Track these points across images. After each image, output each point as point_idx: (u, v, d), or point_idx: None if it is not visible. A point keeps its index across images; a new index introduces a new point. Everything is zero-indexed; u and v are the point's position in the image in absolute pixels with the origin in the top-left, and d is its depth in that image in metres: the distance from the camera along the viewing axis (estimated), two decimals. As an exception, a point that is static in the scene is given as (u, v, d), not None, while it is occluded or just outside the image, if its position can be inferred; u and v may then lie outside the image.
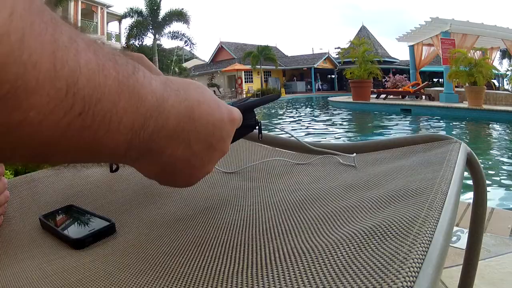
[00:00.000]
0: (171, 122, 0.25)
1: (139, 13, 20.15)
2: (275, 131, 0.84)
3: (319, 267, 0.27)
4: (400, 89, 12.71)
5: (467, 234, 0.64)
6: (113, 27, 24.99)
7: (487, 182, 0.61)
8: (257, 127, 0.46)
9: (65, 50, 0.17)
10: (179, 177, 0.31)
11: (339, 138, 6.40)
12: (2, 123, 0.16)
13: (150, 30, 20.34)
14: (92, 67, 0.19)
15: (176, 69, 21.65)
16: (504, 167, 3.98)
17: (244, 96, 25.25)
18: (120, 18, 22.75)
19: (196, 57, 31.20)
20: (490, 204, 2.26)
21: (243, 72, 26.45)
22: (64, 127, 0.18)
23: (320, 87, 30.07)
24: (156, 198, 0.59)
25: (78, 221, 0.52)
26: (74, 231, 0.48)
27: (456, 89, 10.68)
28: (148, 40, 21.46)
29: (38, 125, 0.17)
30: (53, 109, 0.17)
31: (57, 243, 0.48)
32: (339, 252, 0.29)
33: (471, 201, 0.62)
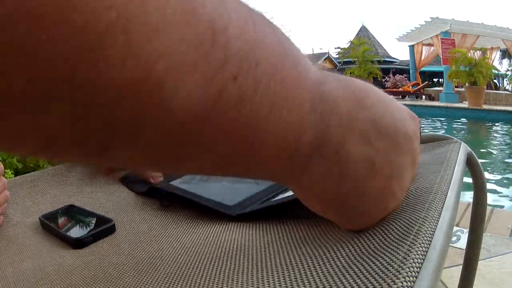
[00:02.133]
0: (339, 106, 0.18)
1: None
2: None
3: (319, 268, 0.27)
4: (400, 89, 12.72)
5: (467, 234, 0.64)
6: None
7: (487, 182, 0.61)
8: None
9: None
10: (367, 198, 0.22)
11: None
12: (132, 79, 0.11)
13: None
14: (243, 15, 0.13)
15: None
16: (504, 167, 3.98)
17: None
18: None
19: (196, 57, 31.24)
20: (490, 204, 2.26)
21: (243, 72, 26.46)
22: (212, 98, 0.12)
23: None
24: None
25: (78, 221, 0.52)
26: (74, 230, 0.48)
27: (456, 89, 10.68)
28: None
29: (173, 92, 0.11)
30: (195, 62, 0.11)
31: (57, 243, 0.48)
32: (339, 252, 0.29)
33: (471, 201, 0.62)
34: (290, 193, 0.54)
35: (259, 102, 0.14)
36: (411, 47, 14.46)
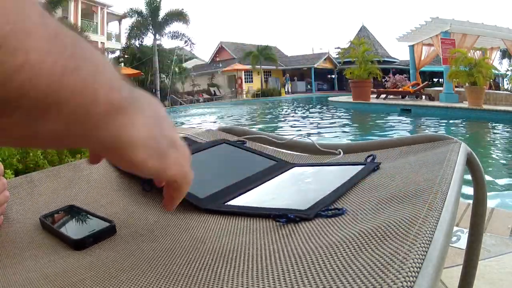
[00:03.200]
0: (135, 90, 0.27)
1: (139, 13, 20.14)
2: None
3: (319, 268, 0.27)
4: (400, 89, 12.71)
5: (467, 234, 0.64)
6: (113, 27, 25.02)
7: (487, 182, 0.61)
8: None
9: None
10: (163, 131, 0.29)
11: (337, 138, 6.40)
12: (6, 67, 0.16)
13: (150, 30, 20.33)
14: (70, 34, 0.21)
15: (176, 69, 21.65)
16: (504, 167, 3.98)
17: (245, 96, 25.26)
18: (120, 18, 22.75)
19: (196, 57, 31.19)
20: (490, 204, 2.26)
21: (243, 72, 26.44)
22: (60, 70, 0.19)
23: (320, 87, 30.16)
24: (157, 199, 0.59)
25: (79, 221, 0.52)
26: (75, 231, 0.48)
27: (456, 89, 10.68)
28: (148, 40, 21.45)
29: (38, 68, 0.18)
30: (50, 50, 0.18)
31: (57, 243, 0.48)
32: (339, 252, 0.29)
33: (471, 201, 0.62)
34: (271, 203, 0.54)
35: (86, 70, 0.21)
36: (411, 47, 14.45)
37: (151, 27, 20.42)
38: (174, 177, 0.31)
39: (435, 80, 23.48)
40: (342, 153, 0.70)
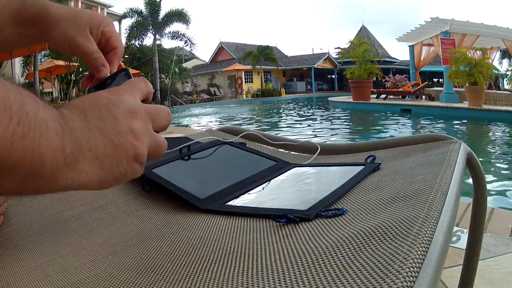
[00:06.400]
0: (76, 121, 0.28)
1: (139, 13, 20.13)
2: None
3: (319, 268, 0.27)
4: (400, 89, 12.70)
5: (467, 234, 0.64)
6: (113, 27, 24.97)
7: (487, 182, 0.61)
8: None
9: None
10: (121, 159, 0.30)
11: (337, 138, 6.40)
12: None
13: (150, 30, 20.33)
14: (12, 88, 0.23)
15: (176, 69, 21.63)
16: (504, 167, 3.98)
17: (245, 96, 25.25)
18: (120, 18, 22.73)
19: (196, 57, 31.18)
20: (490, 204, 2.26)
21: (243, 72, 26.45)
22: (10, 137, 0.21)
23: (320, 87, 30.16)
24: (157, 199, 0.59)
25: None
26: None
27: (455, 89, 10.67)
28: (148, 40, 21.42)
29: None
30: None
31: (56, 243, 0.48)
32: (340, 252, 0.29)
33: (471, 201, 0.62)
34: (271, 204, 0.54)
35: (34, 135, 0.23)
36: (411, 47, 14.44)
37: (151, 27, 20.41)
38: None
39: (435, 80, 23.47)
40: (340, 154, 0.70)
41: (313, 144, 0.76)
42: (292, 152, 0.78)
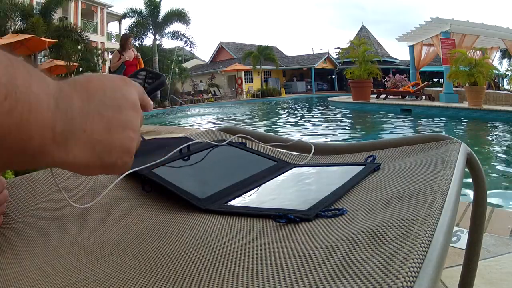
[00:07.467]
0: (75, 100, 0.27)
1: (139, 13, 20.14)
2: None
3: (319, 268, 0.27)
4: (400, 89, 12.70)
5: (467, 234, 0.64)
6: (113, 27, 25.01)
7: (487, 182, 0.61)
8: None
9: None
10: (116, 149, 0.30)
11: (337, 138, 6.40)
12: None
13: (150, 30, 20.33)
14: (3, 60, 0.22)
15: (176, 69, 21.64)
16: (504, 167, 3.98)
17: (244, 97, 25.25)
18: (120, 18, 22.74)
19: (196, 57, 31.18)
20: (490, 204, 2.26)
21: (243, 72, 26.46)
22: None
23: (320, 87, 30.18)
24: (157, 199, 0.59)
25: None
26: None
27: (455, 89, 10.67)
28: (148, 40, 21.43)
29: None
30: None
31: (56, 243, 0.48)
32: (340, 252, 0.29)
33: (471, 201, 0.62)
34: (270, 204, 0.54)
35: (21, 109, 0.22)
36: (411, 47, 14.44)
37: (151, 27, 20.41)
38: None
39: (435, 80, 23.47)
40: (339, 155, 0.70)
41: (307, 144, 0.76)
42: (292, 152, 0.78)
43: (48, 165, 0.27)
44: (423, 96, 11.70)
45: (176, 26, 28.83)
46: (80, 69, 13.63)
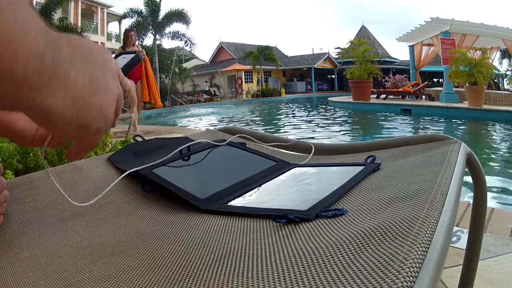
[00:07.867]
0: (63, 46, 0.27)
1: (139, 13, 20.13)
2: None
3: (319, 268, 0.27)
4: (400, 89, 12.71)
5: (467, 234, 0.64)
6: (113, 27, 25.01)
7: (487, 182, 0.61)
8: None
9: None
10: (93, 111, 0.29)
11: (337, 138, 6.40)
12: None
13: (150, 30, 20.33)
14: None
15: (176, 69, 21.64)
16: (504, 167, 3.98)
17: (244, 97, 25.26)
18: (120, 18, 22.74)
19: (196, 57, 31.18)
20: (490, 204, 2.26)
21: (243, 72, 26.47)
22: None
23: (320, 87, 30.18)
24: (157, 199, 0.60)
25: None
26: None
27: (455, 89, 10.67)
28: (148, 40, 21.44)
29: None
30: None
31: (56, 243, 0.48)
32: (340, 252, 0.29)
33: (471, 201, 0.62)
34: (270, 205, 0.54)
35: (10, 29, 0.22)
36: (411, 47, 14.44)
37: (151, 27, 20.41)
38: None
39: (435, 80, 23.47)
40: (338, 155, 0.70)
41: (307, 144, 0.76)
42: (293, 153, 0.78)
43: (27, 106, 0.26)
44: (423, 96, 11.70)
45: (176, 26, 28.88)
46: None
